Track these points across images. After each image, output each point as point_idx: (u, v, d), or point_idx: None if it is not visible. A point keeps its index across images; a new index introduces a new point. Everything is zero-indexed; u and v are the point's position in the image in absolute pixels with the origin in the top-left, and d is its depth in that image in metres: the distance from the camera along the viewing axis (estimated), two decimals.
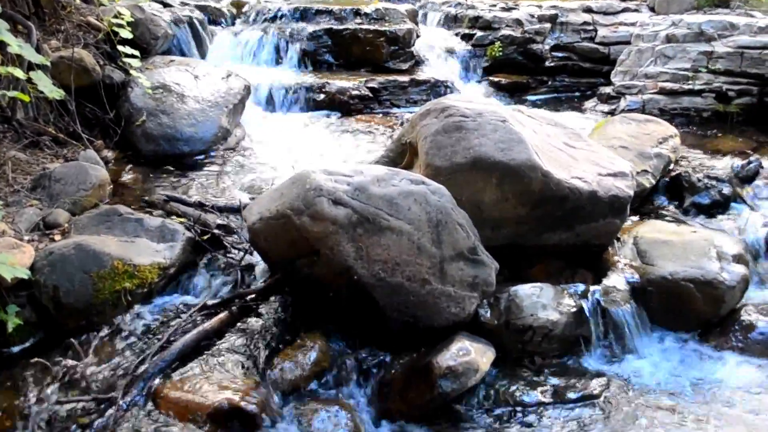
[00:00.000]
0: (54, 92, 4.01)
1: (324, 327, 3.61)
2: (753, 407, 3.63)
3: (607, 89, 7.12)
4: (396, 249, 3.40)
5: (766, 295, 4.53)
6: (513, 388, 3.61)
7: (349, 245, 3.33)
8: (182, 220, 4.17)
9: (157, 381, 3.29)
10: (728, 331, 4.08)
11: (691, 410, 3.59)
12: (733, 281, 4.08)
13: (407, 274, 3.42)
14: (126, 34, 5.26)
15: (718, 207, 5.08)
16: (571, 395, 3.62)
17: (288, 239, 3.42)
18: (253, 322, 3.69)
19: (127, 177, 4.84)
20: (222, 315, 3.65)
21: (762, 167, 5.45)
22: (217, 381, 3.28)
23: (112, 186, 4.55)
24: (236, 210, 4.29)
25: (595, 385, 3.69)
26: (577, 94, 7.50)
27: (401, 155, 4.27)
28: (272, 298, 3.82)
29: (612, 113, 6.47)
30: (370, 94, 6.75)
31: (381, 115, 6.59)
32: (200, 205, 4.31)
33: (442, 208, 3.53)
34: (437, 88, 6.89)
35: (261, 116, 6.12)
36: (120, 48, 5.24)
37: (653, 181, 5.01)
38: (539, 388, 3.63)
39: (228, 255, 4.05)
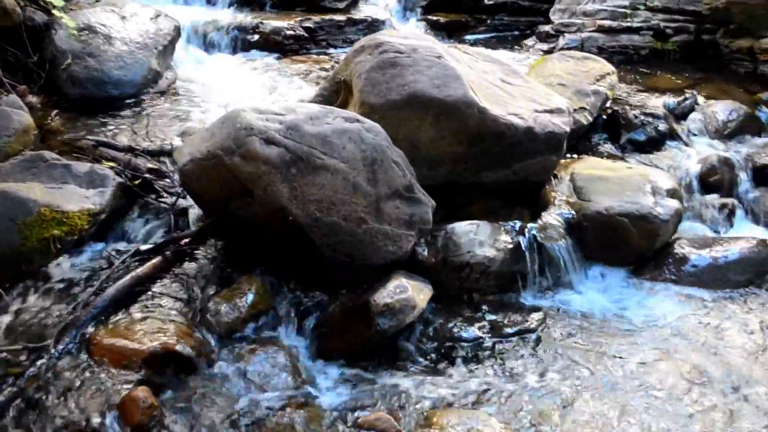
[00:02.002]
0: None
1: (261, 269, 3.57)
2: (686, 336, 3.73)
3: (546, 27, 7.09)
4: (331, 188, 3.36)
5: (699, 228, 4.64)
6: (451, 324, 3.63)
7: (282, 185, 3.28)
8: (112, 165, 4.05)
9: (90, 328, 3.22)
10: (662, 264, 4.17)
11: (626, 341, 3.67)
12: (666, 215, 4.15)
13: (343, 213, 3.38)
14: None
15: (653, 143, 5.15)
16: (509, 330, 3.67)
17: (220, 180, 3.35)
18: (188, 267, 3.63)
19: (53, 122, 4.67)
20: (155, 260, 3.58)
21: (697, 104, 5.54)
22: (152, 326, 3.24)
23: (37, 132, 4.37)
24: (168, 153, 4.19)
25: (531, 319, 3.74)
26: (516, 32, 7.44)
27: (336, 93, 4.20)
28: (207, 242, 3.75)
29: (551, 51, 6.44)
30: (306, 34, 6.58)
31: (317, 55, 6.44)
32: (131, 150, 4.20)
33: (377, 146, 3.49)
34: (375, 27, 6.73)
35: (193, 58, 5.93)
36: None
37: (591, 118, 5.03)
38: (477, 324, 3.66)
39: (160, 199, 3.96)
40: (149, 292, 3.46)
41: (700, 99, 5.60)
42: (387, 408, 3.17)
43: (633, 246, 4.13)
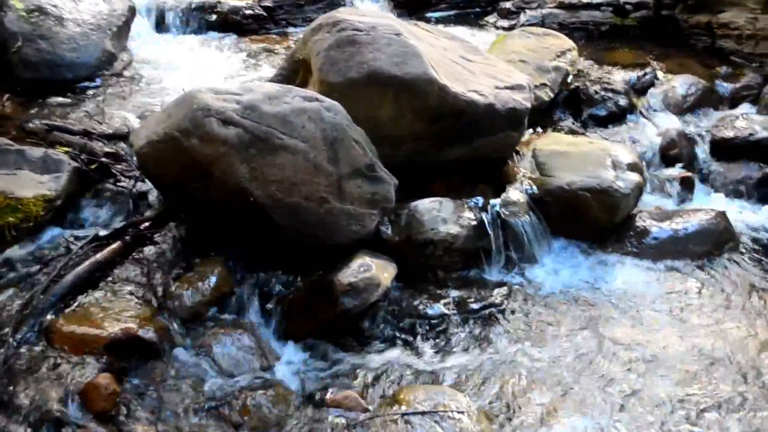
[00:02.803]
0: None
1: (223, 252, 3.54)
2: (647, 306, 3.79)
3: (507, 4, 7.08)
4: (291, 168, 3.33)
5: (659, 201, 4.69)
6: (416, 302, 3.64)
7: (242, 166, 3.24)
8: (67, 149, 3.96)
9: (49, 316, 3.17)
10: (624, 237, 4.22)
11: (589, 313, 3.73)
12: (627, 189, 4.18)
13: (304, 193, 3.36)
14: None
15: (614, 118, 5.19)
16: (474, 306, 3.69)
17: (178, 163, 3.30)
18: (149, 251, 3.58)
19: (5, 107, 4.57)
20: (115, 245, 3.52)
21: (657, 79, 5.59)
22: (114, 312, 3.19)
23: None
24: (125, 137, 4.11)
25: (496, 294, 3.77)
26: (477, 10, 7.38)
27: (295, 73, 4.15)
28: (167, 226, 3.69)
29: (512, 28, 6.43)
30: (265, 14, 6.48)
31: (277, 35, 6.37)
32: (86, 133, 4.11)
33: (337, 126, 3.46)
34: (335, 6, 6.62)
35: (150, 39, 5.83)
36: None
37: (552, 95, 5.04)
38: (442, 301, 3.67)
39: (118, 184, 3.89)
40: (109, 278, 3.41)
41: (660, 74, 5.65)
42: (354, 386, 3.18)
43: (595, 220, 4.17)
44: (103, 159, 3.96)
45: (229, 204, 3.35)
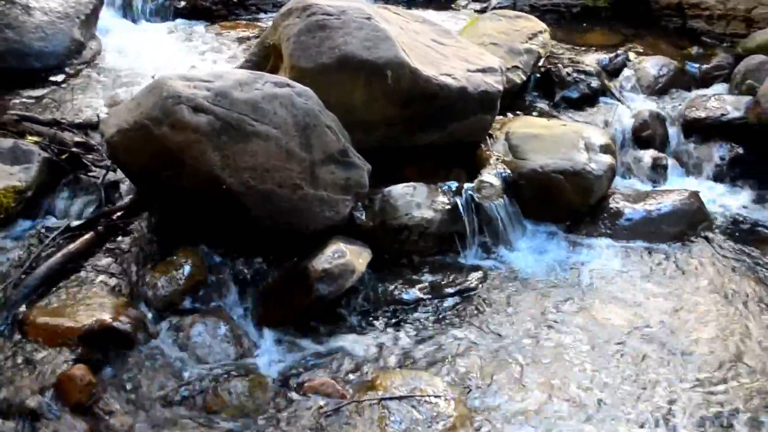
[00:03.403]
0: None
1: (197, 240, 3.51)
2: (623, 288, 3.82)
3: None
4: (264, 155, 3.31)
5: (632, 183, 4.73)
6: (392, 287, 3.66)
7: (214, 154, 3.22)
8: (37, 140, 3.91)
9: (22, 308, 3.15)
10: (598, 219, 4.24)
11: (564, 295, 3.76)
12: (600, 171, 4.21)
13: (278, 180, 3.35)
14: None
15: (587, 100, 5.19)
16: (449, 290, 3.71)
17: (149, 151, 3.27)
18: (122, 241, 3.55)
19: None
20: (87, 236, 3.50)
21: (629, 60, 5.59)
22: (87, 303, 3.18)
23: None
24: (95, 126, 4.05)
25: (471, 278, 3.79)
26: None
27: (265, 59, 4.12)
28: (140, 215, 3.67)
29: (483, 11, 6.41)
30: (235, 0, 6.45)
31: (247, 21, 6.31)
32: (56, 123, 4.05)
33: (309, 111, 3.45)
34: None
35: (118, 27, 5.76)
36: None
37: (524, 77, 5.04)
38: (417, 286, 3.69)
39: (90, 174, 3.85)
40: (83, 269, 3.38)
41: (632, 55, 5.65)
42: (331, 373, 3.19)
43: (569, 202, 4.19)
44: (74, 149, 3.90)
45: (202, 192, 3.32)
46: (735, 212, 4.53)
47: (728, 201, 4.64)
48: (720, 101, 5.08)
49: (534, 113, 4.95)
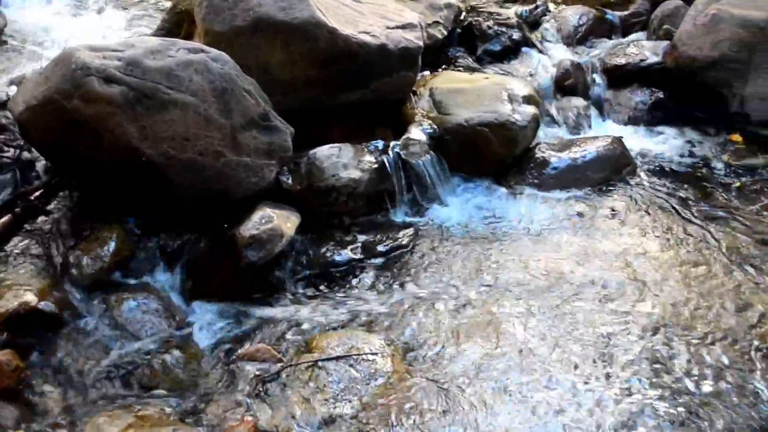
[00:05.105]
0: None
1: (121, 215, 3.44)
2: (553, 234, 3.87)
3: None
4: (182, 124, 3.24)
5: (557, 132, 4.76)
6: (324, 250, 3.65)
7: (130, 125, 3.14)
8: None
9: None
10: (524, 169, 4.28)
11: (496, 246, 3.79)
12: (524, 121, 4.23)
13: (198, 148, 3.29)
14: None
15: (509, 52, 5.18)
16: (381, 249, 3.72)
17: (62, 126, 3.16)
18: (42, 222, 3.44)
19: None
20: (5, 218, 3.37)
21: (548, 11, 5.61)
22: (9, 286, 3.08)
23: None
24: (3, 104, 3.91)
25: (403, 236, 3.80)
26: None
27: (178, 25, 4.04)
28: (60, 194, 3.55)
29: None
30: None
31: None
32: None
33: (225, 76, 3.38)
34: None
35: (23, 2, 5.53)
36: None
37: (445, 32, 4.99)
38: (350, 247, 3.69)
39: (2, 154, 3.71)
40: (2, 252, 3.28)
41: (551, 6, 5.67)
42: (266, 339, 3.18)
43: (495, 154, 4.21)
44: None
45: (123, 165, 3.24)
46: (657, 155, 4.61)
47: (650, 145, 4.72)
48: (639, 47, 5.16)
49: (458, 68, 4.94)
